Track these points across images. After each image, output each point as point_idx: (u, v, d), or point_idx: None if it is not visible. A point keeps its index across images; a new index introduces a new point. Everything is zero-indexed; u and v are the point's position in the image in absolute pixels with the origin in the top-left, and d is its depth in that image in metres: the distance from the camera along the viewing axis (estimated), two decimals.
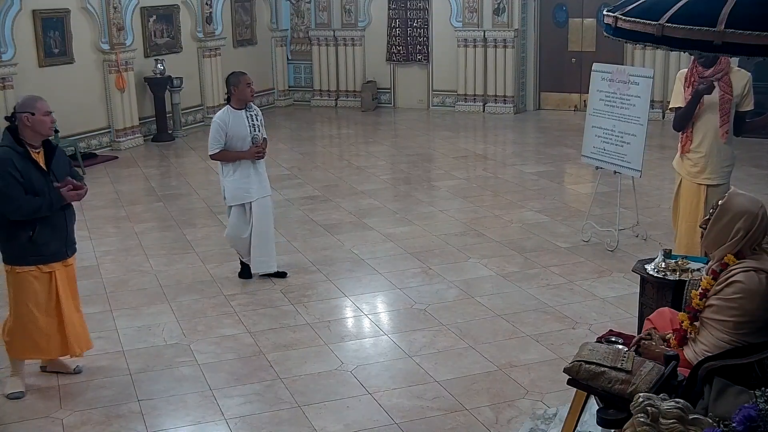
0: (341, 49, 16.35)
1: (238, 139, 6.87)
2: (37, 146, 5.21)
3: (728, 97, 6.05)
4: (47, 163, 5.24)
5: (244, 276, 7.27)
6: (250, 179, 7.00)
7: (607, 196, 9.04)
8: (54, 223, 5.23)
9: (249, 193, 7.01)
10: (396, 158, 12.25)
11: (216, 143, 6.86)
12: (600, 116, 7.93)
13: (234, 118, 6.86)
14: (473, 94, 15.35)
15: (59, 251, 5.31)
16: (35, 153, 5.18)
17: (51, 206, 5.14)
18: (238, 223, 7.08)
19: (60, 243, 5.30)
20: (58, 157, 5.34)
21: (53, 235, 5.24)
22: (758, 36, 2.96)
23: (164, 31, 13.99)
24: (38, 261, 5.23)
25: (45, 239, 5.20)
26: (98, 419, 5.05)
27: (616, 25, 3.51)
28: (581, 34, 14.95)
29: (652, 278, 5.08)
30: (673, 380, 3.66)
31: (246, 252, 7.19)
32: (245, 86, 6.84)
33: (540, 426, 4.75)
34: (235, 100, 6.88)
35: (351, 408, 5.11)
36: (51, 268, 5.29)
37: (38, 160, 5.19)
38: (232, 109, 6.90)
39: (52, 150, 5.32)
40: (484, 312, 6.48)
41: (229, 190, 7.01)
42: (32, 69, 11.54)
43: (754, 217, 3.85)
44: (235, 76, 6.94)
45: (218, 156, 6.94)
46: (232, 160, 6.92)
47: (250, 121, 6.92)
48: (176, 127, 13.86)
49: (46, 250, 5.23)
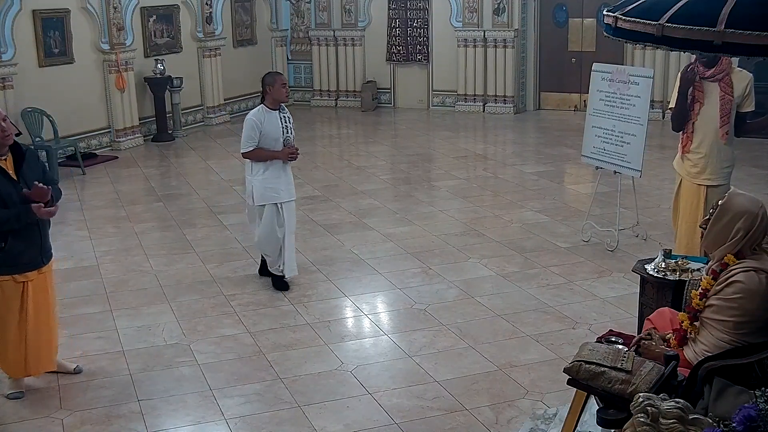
0: (341, 49, 16.35)
1: (271, 139, 6.78)
2: (2, 154, 5.01)
3: (729, 98, 6.05)
4: (17, 170, 5.05)
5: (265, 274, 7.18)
6: (280, 180, 6.90)
7: (607, 196, 9.04)
8: (27, 234, 5.07)
9: (279, 194, 6.90)
10: (396, 158, 12.25)
11: (250, 141, 6.75)
12: (600, 116, 7.93)
13: (268, 118, 6.78)
14: (473, 94, 15.35)
15: (34, 260, 5.17)
16: (2, 161, 4.99)
17: (19, 219, 4.96)
18: (273, 224, 6.93)
19: (35, 251, 5.15)
20: (28, 162, 5.13)
21: (27, 244, 5.08)
22: (758, 36, 2.96)
23: (164, 31, 13.99)
24: (13, 271, 5.08)
25: (19, 249, 5.05)
26: (98, 419, 5.05)
27: (616, 25, 3.51)
28: (581, 34, 14.95)
29: (652, 278, 5.08)
30: (673, 380, 3.66)
31: (277, 254, 7.03)
32: (280, 86, 6.76)
33: (540, 426, 4.75)
34: (270, 100, 6.79)
35: (351, 408, 5.11)
36: (25, 277, 5.14)
37: (6, 167, 5.00)
38: (267, 109, 6.80)
39: (22, 155, 5.10)
40: (484, 312, 6.48)
41: (258, 189, 6.88)
42: (32, 69, 11.54)
43: (754, 217, 3.85)
44: (271, 76, 6.89)
45: (251, 154, 6.83)
46: (264, 159, 6.81)
47: (283, 122, 6.84)
48: (176, 127, 13.86)
49: (20, 259, 5.08)
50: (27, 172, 5.09)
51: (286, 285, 7.05)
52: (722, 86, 6.04)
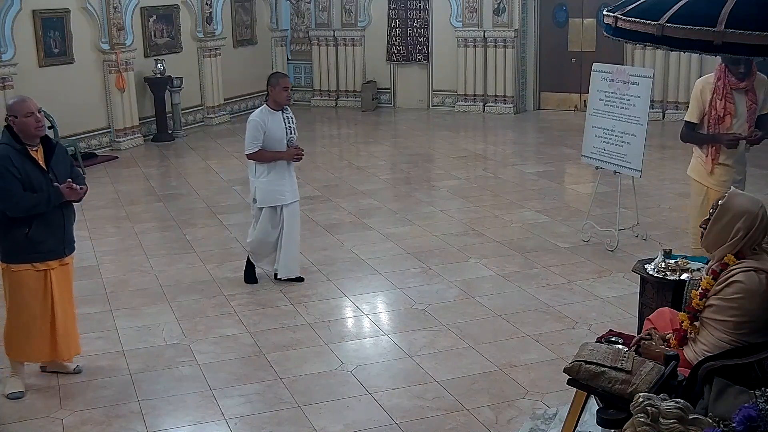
0: (341, 49, 16.34)
1: (274, 140, 6.77)
2: (34, 144, 5.19)
3: (754, 107, 5.96)
4: (47, 161, 5.22)
5: (250, 281, 7.17)
6: (284, 181, 6.89)
7: (607, 196, 9.04)
8: (51, 221, 5.20)
9: (283, 196, 6.90)
10: (396, 158, 12.25)
11: (255, 142, 6.73)
12: (600, 116, 7.93)
13: (272, 119, 6.77)
14: (473, 94, 15.35)
15: (56, 249, 5.28)
16: (33, 151, 5.17)
17: (48, 202, 5.12)
18: (268, 227, 6.94)
19: (57, 241, 5.27)
20: (58, 155, 5.31)
21: (50, 232, 5.21)
22: (758, 36, 2.96)
23: (164, 31, 13.98)
24: (34, 258, 5.20)
25: (42, 237, 5.18)
26: (98, 419, 5.05)
27: (616, 25, 3.52)
28: (581, 34, 14.95)
29: (652, 278, 5.08)
30: (673, 380, 3.66)
31: (266, 255, 7.09)
32: (281, 90, 6.74)
33: (540, 426, 4.75)
34: (272, 101, 6.81)
35: (351, 408, 5.11)
36: (47, 266, 5.25)
37: (37, 157, 5.18)
38: (270, 110, 6.80)
39: (52, 148, 5.30)
40: (484, 312, 6.48)
41: (261, 191, 6.87)
42: (32, 69, 11.53)
43: (754, 217, 3.85)
44: (275, 77, 6.87)
45: (256, 155, 6.80)
46: (268, 160, 6.80)
47: (286, 123, 6.84)
48: (176, 127, 13.85)
49: (42, 247, 5.20)
50: (56, 165, 5.26)
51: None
52: (749, 95, 5.93)
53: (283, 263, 7.04)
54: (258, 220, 6.99)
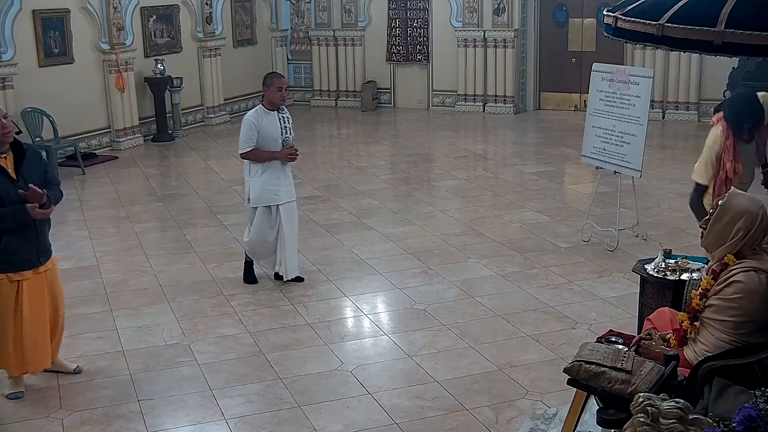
0: (341, 49, 16.34)
1: (269, 140, 6.75)
2: (3, 151, 5.01)
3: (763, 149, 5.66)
4: (17, 169, 5.04)
5: (250, 281, 7.17)
6: (280, 181, 6.87)
7: (607, 196, 9.04)
8: (24, 230, 5.04)
9: (278, 196, 6.88)
10: (396, 158, 12.25)
11: (248, 141, 6.72)
12: (600, 116, 7.93)
13: (267, 119, 6.75)
14: (473, 94, 15.35)
15: (31, 259, 5.14)
16: (2, 158, 4.99)
17: (14, 218, 4.96)
18: (264, 227, 6.93)
19: (31, 250, 5.12)
20: (29, 160, 5.11)
21: (24, 241, 5.06)
22: (758, 36, 2.96)
23: (164, 31, 13.98)
24: (8, 269, 5.06)
25: (16, 246, 5.03)
26: (98, 419, 5.05)
27: (616, 25, 3.52)
28: (581, 34, 14.94)
29: (652, 278, 5.08)
30: (673, 380, 3.66)
31: (266, 255, 7.09)
32: (275, 90, 6.72)
33: (540, 426, 4.75)
34: (267, 101, 6.80)
35: (351, 408, 5.11)
36: (21, 276, 5.11)
37: (6, 165, 4.99)
38: (265, 110, 6.78)
39: (22, 154, 5.08)
40: (484, 312, 6.48)
41: (256, 190, 6.85)
42: (32, 69, 11.53)
43: (754, 217, 3.85)
44: (270, 77, 6.86)
45: (249, 155, 6.79)
46: (262, 160, 6.78)
47: (282, 123, 6.82)
48: (176, 127, 13.85)
49: (16, 257, 5.06)
50: (27, 171, 5.07)
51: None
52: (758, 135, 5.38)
53: (289, 264, 7.03)
54: (253, 220, 7.00)
